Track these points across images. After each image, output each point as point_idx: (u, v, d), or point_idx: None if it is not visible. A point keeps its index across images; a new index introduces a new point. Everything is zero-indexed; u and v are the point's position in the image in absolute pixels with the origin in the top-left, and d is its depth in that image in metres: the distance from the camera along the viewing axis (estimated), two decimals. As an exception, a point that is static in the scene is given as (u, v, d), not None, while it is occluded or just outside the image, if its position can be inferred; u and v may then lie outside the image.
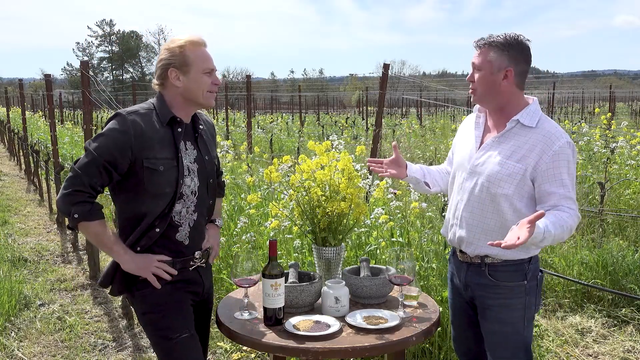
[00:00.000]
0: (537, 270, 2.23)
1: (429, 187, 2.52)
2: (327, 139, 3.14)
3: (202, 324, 2.36)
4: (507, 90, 2.14)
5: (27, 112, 14.44)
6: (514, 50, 2.11)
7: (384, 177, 2.54)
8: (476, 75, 2.17)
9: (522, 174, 2.09)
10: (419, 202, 3.70)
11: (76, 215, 2.01)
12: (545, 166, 2.07)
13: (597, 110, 17.45)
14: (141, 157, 2.02)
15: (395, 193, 3.95)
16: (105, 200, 5.04)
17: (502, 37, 2.13)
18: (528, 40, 2.15)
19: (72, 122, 23.58)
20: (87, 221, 2.04)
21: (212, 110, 24.89)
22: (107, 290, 2.25)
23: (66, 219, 2.07)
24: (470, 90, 2.22)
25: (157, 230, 2.09)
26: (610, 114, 12.61)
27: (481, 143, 2.26)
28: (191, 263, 2.20)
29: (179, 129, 2.13)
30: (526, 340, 2.24)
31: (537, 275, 2.23)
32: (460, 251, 2.30)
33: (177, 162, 2.09)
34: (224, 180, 2.53)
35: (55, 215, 7.70)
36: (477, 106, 2.34)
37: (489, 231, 2.18)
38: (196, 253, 2.21)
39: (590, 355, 3.73)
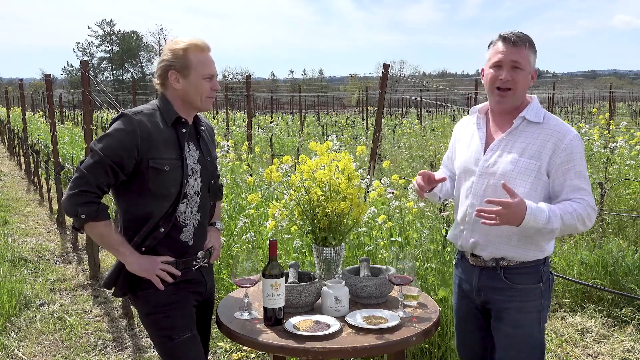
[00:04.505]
0: (549, 272, 2.23)
1: (439, 199, 2.52)
2: (327, 139, 3.15)
3: (204, 324, 2.36)
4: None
5: (27, 112, 14.43)
6: (535, 50, 2.15)
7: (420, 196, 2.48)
8: (516, 75, 2.09)
9: (537, 170, 2.08)
10: (417, 202, 3.71)
11: (83, 216, 2.01)
12: (559, 160, 2.06)
13: (594, 110, 17.42)
14: (147, 158, 2.03)
15: (393, 193, 3.95)
16: (105, 200, 5.03)
17: (527, 35, 2.13)
18: None
19: (72, 122, 23.58)
20: (94, 222, 2.04)
21: (212, 110, 24.87)
22: (110, 292, 2.25)
23: (71, 219, 2.07)
24: (505, 91, 2.11)
25: (162, 230, 2.10)
26: (608, 114, 12.58)
27: (486, 144, 2.22)
28: (194, 263, 2.20)
29: (183, 130, 2.14)
30: (541, 343, 2.22)
31: (549, 277, 2.22)
32: (473, 255, 2.25)
33: (181, 163, 2.10)
34: (221, 184, 2.53)
35: (56, 215, 7.70)
36: (475, 107, 2.32)
37: (502, 232, 2.14)
38: (199, 253, 2.21)
39: (590, 355, 3.73)
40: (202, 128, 2.26)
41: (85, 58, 66.09)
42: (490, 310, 2.26)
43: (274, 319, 2.12)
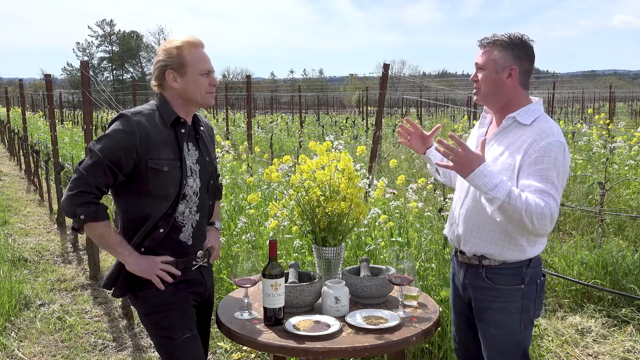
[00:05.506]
0: (537, 275, 2.20)
1: (439, 174, 2.55)
2: (327, 139, 3.15)
3: (204, 324, 2.36)
4: (511, 89, 2.14)
5: (27, 112, 14.44)
6: (518, 49, 2.11)
7: (402, 144, 2.54)
8: (479, 75, 2.17)
9: (512, 170, 2.07)
10: (417, 202, 3.70)
11: (82, 217, 2.01)
12: (528, 160, 2.03)
13: (590, 111, 17.46)
14: (146, 158, 2.03)
15: (393, 193, 3.94)
16: (105, 200, 5.04)
17: (506, 36, 2.13)
18: (532, 40, 2.15)
19: (72, 122, 23.59)
20: (93, 222, 2.04)
21: (212, 110, 24.86)
22: (110, 292, 2.25)
23: (71, 220, 2.07)
24: (474, 90, 2.21)
25: (161, 230, 2.09)
26: (604, 114, 12.58)
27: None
28: (193, 263, 2.20)
29: (182, 130, 2.14)
30: (523, 344, 2.22)
31: (536, 280, 2.20)
32: (460, 252, 2.30)
33: (180, 163, 2.10)
34: (221, 183, 2.53)
35: (56, 215, 7.70)
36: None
37: (483, 229, 2.17)
38: (198, 253, 2.21)
39: (590, 355, 3.73)
40: (202, 128, 2.26)
41: (85, 58, 66.06)
42: (474, 308, 2.28)
43: (274, 319, 2.12)
